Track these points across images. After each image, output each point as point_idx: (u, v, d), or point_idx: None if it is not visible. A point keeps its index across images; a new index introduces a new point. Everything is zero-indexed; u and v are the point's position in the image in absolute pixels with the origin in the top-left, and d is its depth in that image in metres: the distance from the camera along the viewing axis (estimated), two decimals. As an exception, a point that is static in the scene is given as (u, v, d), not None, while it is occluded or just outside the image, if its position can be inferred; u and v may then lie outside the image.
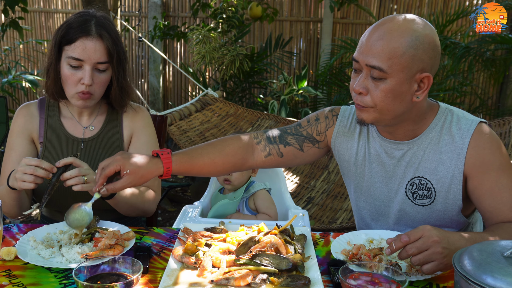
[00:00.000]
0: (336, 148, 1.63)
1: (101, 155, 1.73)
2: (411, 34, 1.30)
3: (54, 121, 1.74)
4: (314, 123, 1.64)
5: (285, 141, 1.60)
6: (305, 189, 3.47)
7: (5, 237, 1.44)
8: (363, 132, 1.58)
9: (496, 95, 6.00)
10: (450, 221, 1.51)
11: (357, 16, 6.07)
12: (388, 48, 1.29)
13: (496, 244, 0.96)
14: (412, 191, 1.50)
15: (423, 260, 1.16)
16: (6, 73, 5.29)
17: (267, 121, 3.86)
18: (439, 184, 1.46)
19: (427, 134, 1.46)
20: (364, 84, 1.35)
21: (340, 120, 1.62)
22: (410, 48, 1.29)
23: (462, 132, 1.42)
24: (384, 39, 1.30)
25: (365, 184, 1.58)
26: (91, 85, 1.60)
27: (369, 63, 1.32)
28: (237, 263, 1.19)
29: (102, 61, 1.59)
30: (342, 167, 1.65)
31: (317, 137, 1.62)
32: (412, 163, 1.48)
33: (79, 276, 1.06)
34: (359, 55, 1.35)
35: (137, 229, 1.52)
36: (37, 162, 1.42)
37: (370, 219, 1.64)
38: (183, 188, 4.77)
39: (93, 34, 1.58)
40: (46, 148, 1.72)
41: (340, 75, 5.39)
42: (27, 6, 3.50)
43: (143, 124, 1.79)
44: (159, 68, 6.40)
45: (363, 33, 1.39)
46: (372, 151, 1.55)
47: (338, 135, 1.61)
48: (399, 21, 1.33)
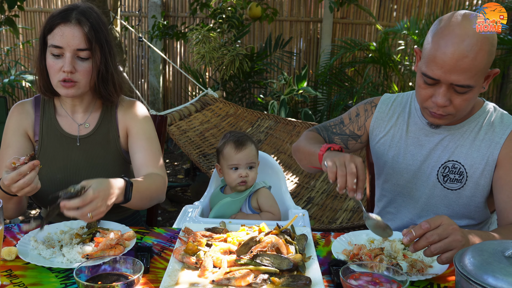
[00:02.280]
0: (373, 133, 1.70)
1: (97, 152, 1.72)
2: (487, 43, 1.33)
3: (50, 119, 1.73)
4: (355, 119, 1.73)
5: (333, 141, 1.73)
6: (305, 189, 3.47)
7: (6, 237, 1.44)
8: (402, 116, 1.65)
9: (496, 95, 6.01)
10: (475, 209, 1.56)
11: (357, 16, 6.07)
12: (474, 66, 1.32)
13: (497, 244, 0.96)
14: (443, 174, 1.56)
15: (444, 247, 1.15)
16: (6, 73, 5.29)
17: (267, 121, 3.86)
18: (472, 169, 1.51)
19: (469, 122, 1.53)
20: (447, 97, 1.39)
21: (379, 107, 1.70)
22: (490, 56, 1.34)
23: (503, 125, 1.50)
24: (469, 57, 1.31)
25: (398, 166, 1.64)
26: (73, 72, 1.57)
27: (455, 82, 1.34)
28: (238, 263, 1.19)
29: (81, 47, 1.57)
30: (377, 152, 1.71)
31: (358, 132, 1.72)
32: (450, 147, 1.55)
33: (80, 276, 1.06)
34: (441, 74, 1.34)
35: (138, 229, 1.52)
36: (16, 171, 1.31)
37: (394, 207, 1.68)
38: (183, 188, 4.77)
39: (71, 20, 1.56)
40: (42, 146, 1.71)
41: (340, 75, 5.39)
42: (25, 5, 3.49)
43: (137, 114, 1.76)
44: (159, 68, 6.40)
45: (429, 43, 1.37)
46: (411, 134, 1.61)
47: (376, 121, 1.69)
48: (472, 31, 1.32)
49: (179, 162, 5.62)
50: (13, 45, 6.34)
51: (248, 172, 1.86)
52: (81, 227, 1.46)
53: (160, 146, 1.79)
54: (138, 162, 1.70)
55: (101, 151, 1.72)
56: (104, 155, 1.73)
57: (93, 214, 1.27)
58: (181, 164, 5.55)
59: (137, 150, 1.71)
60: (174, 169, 5.38)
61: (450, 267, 1.26)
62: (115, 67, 1.69)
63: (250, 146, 1.90)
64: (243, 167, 1.86)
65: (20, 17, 6.52)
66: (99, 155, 1.72)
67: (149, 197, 1.59)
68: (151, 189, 1.59)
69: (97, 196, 1.27)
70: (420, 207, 1.61)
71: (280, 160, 3.60)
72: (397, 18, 5.96)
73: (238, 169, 1.86)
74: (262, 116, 3.90)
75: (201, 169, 3.46)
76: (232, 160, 1.86)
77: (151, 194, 1.60)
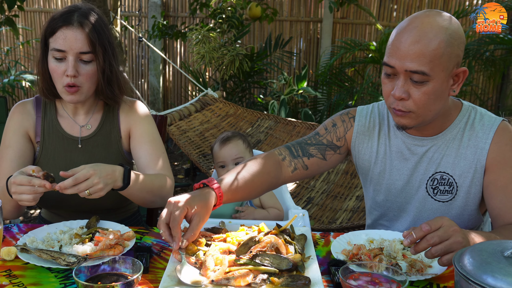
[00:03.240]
0: (356, 149, 1.63)
1: (99, 153, 1.72)
2: (445, 32, 1.30)
3: (51, 120, 1.72)
4: (332, 129, 1.64)
5: (308, 153, 1.60)
6: (304, 189, 3.47)
7: (5, 237, 1.44)
8: (383, 129, 1.59)
9: (496, 95, 6.01)
10: (468, 217, 1.52)
11: (357, 16, 6.07)
12: (427, 51, 1.29)
13: (497, 244, 0.96)
14: (433, 187, 1.51)
15: (444, 249, 1.14)
16: (6, 73, 5.29)
17: (267, 121, 3.86)
18: (461, 178, 1.48)
19: (451, 130, 1.49)
20: (405, 89, 1.35)
21: (358, 120, 1.62)
22: (448, 47, 1.30)
23: (485, 128, 1.45)
24: (421, 42, 1.29)
25: (385, 182, 1.59)
26: (76, 76, 1.57)
27: (409, 68, 1.31)
28: (238, 263, 1.19)
29: (84, 50, 1.56)
30: (362, 167, 1.65)
31: (337, 143, 1.63)
32: (435, 158, 1.50)
33: (80, 276, 1.06)
34: (396, 61, 1.33)
35: (137, 229, 1.52)
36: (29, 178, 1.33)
37: (386, 220, 1.64)
38: (183, 188, 4.77)
39: (73, 23, 1.55)
40: (43, 148, 1.70)
41: (340, 75, 5.39)
42: (25, 5, 3.49)
43: (140, 114, 1.76)
44: (159, 68, 6.40)
45: (391, 37, 1.37)
46: (393, 149, 1.56)
47: (358, 136, 1.62)
48: (429, 21, 1.32)
49: (179, 162, 5.62)
50: (13, 45, 6.34)
51: None
52: (80, 227, 1.46)
53: (163, 146, 1.79)
54: (143, 166, 1.71)
55: (103, 152, 1.72)
56: (105, 156, 1.72)
57: (91, 191, 1.36)
58: (181, 164, 5.55)
59: (141, 155, 1.72)
60: (174, 169, 5.39)
61: (449, 267, 1.26)
62: (118, 67, 1.68)
63: (235, 142, 1.84)
64: (230, 163, 1.83)
65: (20, 17, 6.53)
66: (100, 156, 1.72)
67: (150, 190, 1.59)
68: (154, 184, 1.60)
69: (92, 173, 1.35)
70: (413, 221, 1.57)
71: (280, 160, 3.60)
72: (397, 18, 5.96)
73: (225, 167, 1.84)
74: (262, 116, 3.90)
75: (201, 169, 3.46)
76: (218, 158, 1.84)
77: (153, 189, 1.60)
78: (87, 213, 1.59)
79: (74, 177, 1.34)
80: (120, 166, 1.48)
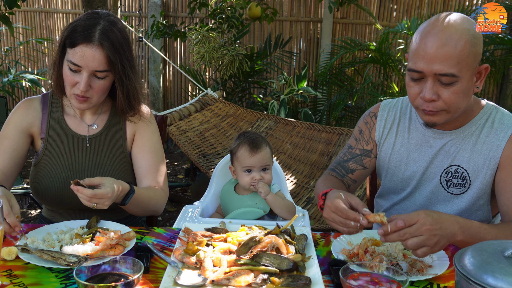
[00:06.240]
0: (379, 142, 1.70)
1: (104, 153, 1.74)
2: (468, 33, 1.35)
3: (57, 117, 1.74)
4: (360, 137, 1.73)
5: (349, 169, 1.72)
6: (304, 189, 3.47)
7: (6, 237, 1.44)
8: (402, 123, 1.65)
9: (496, 95, 6.01)
10: (476, 212, 1.55)
11: (357, 16, 6.07)
12: (455, 54, 1.33)
13: (497, 244, 0.96)
14: (446, 179, 1.56)
15: (418, 244, 1.20)
16: (6, 73, 5.29)
17: (267, 122, 3.86)
18: (475, 173, 1.51)
19: (470, 125, 1.53)
20: (434, 90, 1.39)
21: (380, 115, 1.70)
22: (472, 47, 1.35)
23: (504, 126, 1.49)
24: (448, 44, 1.33)
25: (401, 173, 1.64)
26: (88, 90, 1.59)
27: (438, 71, 1.35)
28: (238, 263, 1.19)
29: (100, 69, 1.56)
30: (379, 159, 1.71)
31: (367, 147, 1.72)
32: (452, 152, 1.54)
33: (80, 276, 1.06)
34: (424, 65, 1.36)
35: (138, 229, 1.52)
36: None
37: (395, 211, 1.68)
38: (183, 188, 4.77)
39: (94, 41, 1.54)
40: (47, 144, 1.71)
41: (340, 75, 5.39)
42: (25, 5, 3.47)
43: (146, 121, 1.79)
44: (159, 68, 6.40)
45: (413, 42, 1.40)
46: (412, 141, 1.62)
47: (379, 130, 1.69)
48: (452, 23, 1.36)
49: (179, 162, 5.62)
50: (13, 45, 6.34)
51: (262, 175, 1.80)
52: (81, 227, 1.46)
53: (164, 155, 1.83)
54: (141, 175, 1.75)
55: (108, 153, 1.74)
56: (110, 157, 1.74)
57: (98, 206, 1.42)
58: (181, 164, 5.55)
59: (141, 164, 1.75)
60: (174, 169, 5.39)
61: (449, 267, 1.26)
62: (136, 82, 1.70)
63: (265, 149, 1.82)
64: (256, 170, 1.80)
65: (20, 17, 6.53)
66: (105, 156, 1.74)
67: (145, 207, 1.66)
68: (150, 202, 1.67)
69: (109, 196, 1.41)
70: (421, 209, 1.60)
71: (280, 160, 3.60)
72: (397, 18, 5.96)
73: (251, 172, 1.81)
74: (262, 116, 3.90)
75: (200, 169, 3.46)
76: (246, 163, 1.80)
77: (148, 206, 1.67)
78: (87, 211, 1.60)
79: (95, 192, 1.38)
80: (127, 185, 1.52)
